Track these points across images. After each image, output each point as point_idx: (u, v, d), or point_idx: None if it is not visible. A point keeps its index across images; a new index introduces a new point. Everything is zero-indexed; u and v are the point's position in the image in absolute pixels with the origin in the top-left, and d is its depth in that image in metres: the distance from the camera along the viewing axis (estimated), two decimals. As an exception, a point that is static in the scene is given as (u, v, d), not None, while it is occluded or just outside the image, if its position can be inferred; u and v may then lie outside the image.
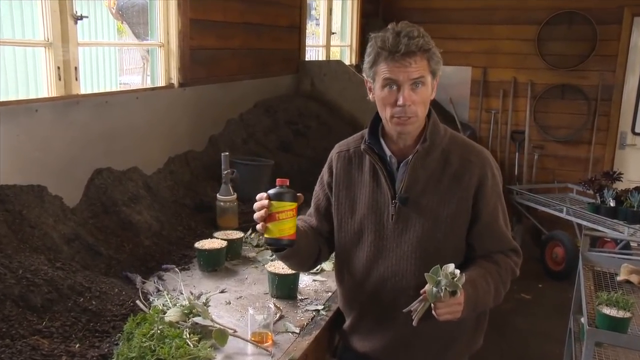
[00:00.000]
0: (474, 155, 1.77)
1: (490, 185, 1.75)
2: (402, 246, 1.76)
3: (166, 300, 1.94)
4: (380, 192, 1.80)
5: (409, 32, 1.64)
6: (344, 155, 1.89)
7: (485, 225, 1.76)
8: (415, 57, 1.64)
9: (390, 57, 1.64)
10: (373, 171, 1.81)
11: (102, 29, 5.88)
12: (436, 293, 1.54)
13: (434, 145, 1.76)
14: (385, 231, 1.78)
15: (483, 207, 1.74)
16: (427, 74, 1.67)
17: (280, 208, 1.63)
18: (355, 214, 1.84)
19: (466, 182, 1.74)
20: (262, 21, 4.11)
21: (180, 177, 3.10)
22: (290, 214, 1.65)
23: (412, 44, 1.62)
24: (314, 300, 2.13)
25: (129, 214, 2.56)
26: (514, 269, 1.81)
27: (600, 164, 6.11)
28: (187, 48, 3.24)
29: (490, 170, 1.77)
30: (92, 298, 1.93)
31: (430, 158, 1.76)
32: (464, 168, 1.75)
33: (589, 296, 2.53)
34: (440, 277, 1.54)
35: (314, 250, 1.89)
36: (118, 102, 2.76)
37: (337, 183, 1.88)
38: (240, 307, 2.04)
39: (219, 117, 3.62)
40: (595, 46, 5.95)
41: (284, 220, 1.64)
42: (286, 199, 1.65)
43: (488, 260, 1.75)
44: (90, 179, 2.58)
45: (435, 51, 1.69)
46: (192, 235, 2.70)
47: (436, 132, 1.78)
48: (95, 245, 2.31)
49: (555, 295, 4.99)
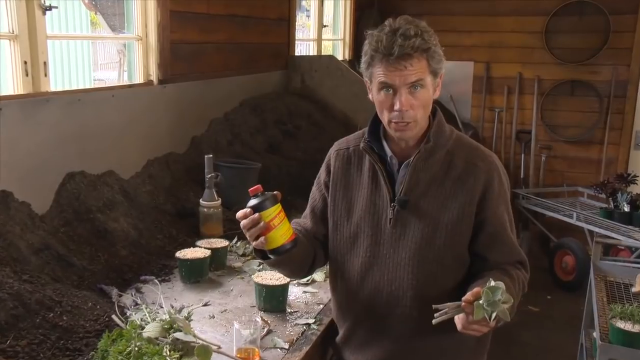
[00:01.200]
0: (481, 160, 1.77)
1: (497, 192, 1.76)
2: (399, 252, 1.76)
3: (144, 314, 1.93)
4: (378, 194, 1.80)
5: (405, 31, 1.63)
6: (343, 153, 1.90)
7: (493, 235, 1.76)
8: (412, 59, 1.63)
9: (385, 59, 1.64)
10: (372, 172, 1.82)
11: (74, 21, 5.87)
12: (483, 311, 1.47)
13: (438, 146, 1.77)
14: (382, 236, 1.78)
15: (489, 215, 1.75)
16: (426, 75, 1.67)
17: (270, 216, 1.66)
18: (351, 216, 1.84)
19: (470, 187, 1.74)
20: (248, 13, 4.12)
21: (160, 182, 3.09)
22: (281, 216, 1.68)
23: (407, 46, 1.61)
24: (305, 314, 2.12)
25: (104, 221, 2.55)
26: (525, 284, 1.80)
27: (614, 166, 6.13)
28: (168, 42, 3.24)
29: (498, 176, 1.77)
30: (62, 313, 1.91)
31: (433, 160, 1.76)
32: (469, 172, 1.75)
33: (602, 309, 2.54)
34: (500, 298, 1.48)
35: (308, 255, 1.89)
36: (92, 100, 2.75)
37: (335, 183, 1.89)
38: (225, 322, 2.04)
39: (202, 116, 3.61)
40: (608, 38, 5.96)
41: (279, 226, 1.67)
42: (270, 205, 1.67)
43: (502, 274, 1.73)
44: (61, 184, 2.56)
45: (436, 49, 1.68)
46: (173, 244, 2.70)
47: (441, 133, 1.79)
48: (67, 256, 2.29)
49: (565, 307, 5.00)
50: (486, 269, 1.75)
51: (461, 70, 6.45)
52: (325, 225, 1.93)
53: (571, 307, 4.82)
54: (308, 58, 4.95)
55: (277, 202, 1.69)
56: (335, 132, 4.43)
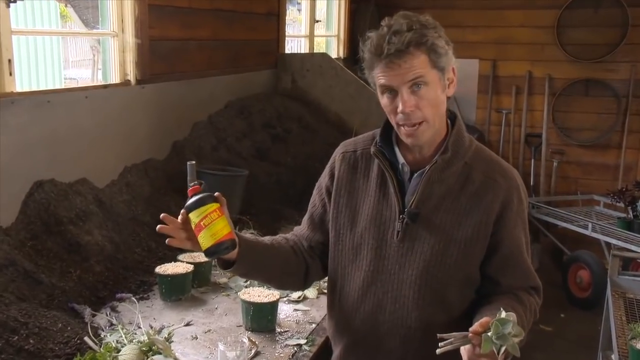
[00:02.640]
0: (501, 175, 1.78)
1: (515, 211, 1.76)
2: (405, 269, 1.76)
3: (121, 335, 1.93)
4: (386, 204, 1.80)
5: (399, 26, 1.64)
6: (350, 156, 1.90)
7: (507, 258, 1.77)
8: (406, 55, 1.63)
9: (379, 61, 1.66)
10: (381, 179, 1.82)
11: (42, 14, 5.83)
12: (491, 344, 1.48)
13: (456, 157, 1.77)
14: (388, 249, 1.78)
15: (505, 236, 1.75)
16: (427, 71, 1.67)
17: (201, 214, 1.68)
18: (355, 226, 1.84)
19: (488, 205, 1.74)
20: (234, 7, 4.13)
21: (138, 190, 3.09)
22: (215, 214, 1.68)
23: (399, 42, 1.62)
24: (296, 334, 2.12)
25: (77, 234, 2.55)
26: (536, 311, 1.81)
27: (633, 172, 6.17)
28: (146, 38, 3.24)
29: (517, 194, 1.78)
30: (29, 336, 1.90)
31: (449, 172, 1.76)
32: (487, 188, 1.75)
33: (620, 328, 2.54)
34: (510, 331, 1.48)
35: (288, 262, 1.87)
36: (63, 101, 2.75)
37: (338, 188, 1.88)
38: (209, 343, 2.03)
39: (183, 119, 3.61)
40: (626, 33, 6.00)
41: (212, 224, 1.68)
42: (205, 203, 1.69)
43: (514, 300, 1.73)
44: (28, 193, 2.56)
45: (437, 42, 1.67)
46: (153, 258, 2.70)
47: (460, 143, 1.79)
48: (35, 272, 2.28)
49: (580, 326, 5.01)
50: (497, 293, 1.76)
51: (465, 69, 6.41)
52: (323, 232, 1.92)
53: (587, 326, 4.83)
54: (299, 56, 4.96)
55: (214, 201, 1.70)
56: (328, 136, 4.44)
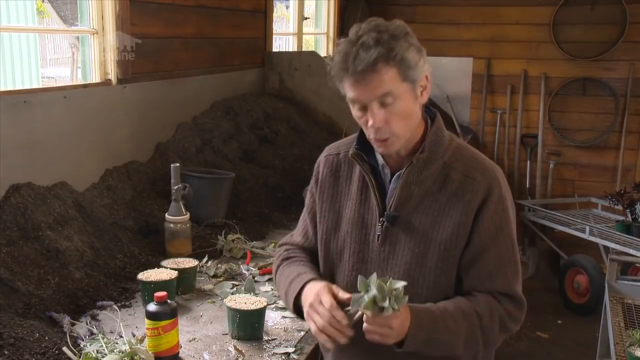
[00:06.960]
0: (480, 173, 1.77)
1: (492, 208, 1.75)
2: (387, 273, 1.77)
3: (101, 345, 1.92)
4: (367, 207, 1.81)
5: (366, 40, 1.63)
6: (332, 160, 1.91)
7: (474, 256, 1.76)
8: (373, 72, 1.63)
9: (347, 74, 1.66)
10: (362, 182, 1.83)
11: (17, 10, 5.79)
12: (360, 301, 1.55)
13: (434, 157, 1.77)
14: (370, 253, 1.80)
15: (476, 232, 1.75)
16: (397, 85, 1.66)
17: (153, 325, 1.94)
18: (339, 230, 1.85)
19: (466, 205, 1.74)
20: (219, 4, 4.13)
21: (120, 194, 3.08)
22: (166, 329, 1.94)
23: (366, 58, 1.61)
24: (284, 342, 2.13)
25: (55, 239, 2.54)
26: (505, 320, 1.77)
27: (631, 174, 6.20)
28: (128, 36, 3.23)
29: (498, 191, 1.77)
30: (3, 346, 1.89)
31: (427, 172, 1.77)
32: (466, 188, 1.75)
33: (619, 335, 2.56)
34: (371, 287, 1.54)
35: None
36: (40, 101, 2.74)
37: (321, 192, 1.90)
38: (194, 352, 2.03)
39: (167, 120, 3.61)
40: (624, 30, 6.03)
41: (158, 337, 1.92)
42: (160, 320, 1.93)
43: (467, 298, 1.75)
44: (4, 197, 2.55)
45: (407, 54, 1.65)
46: (135, 264, 2.69)
47: (438, 142, 1.79)
48: (10, 280, 2.27)
49: (577, 333, 5.02)
50: (458, 294, 1.76)
51: (459, 68, 6.47)
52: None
53: (584, 333, 4.84)
54: (287, 54, 4.97)
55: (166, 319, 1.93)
56: (317, 137, 4.44)
